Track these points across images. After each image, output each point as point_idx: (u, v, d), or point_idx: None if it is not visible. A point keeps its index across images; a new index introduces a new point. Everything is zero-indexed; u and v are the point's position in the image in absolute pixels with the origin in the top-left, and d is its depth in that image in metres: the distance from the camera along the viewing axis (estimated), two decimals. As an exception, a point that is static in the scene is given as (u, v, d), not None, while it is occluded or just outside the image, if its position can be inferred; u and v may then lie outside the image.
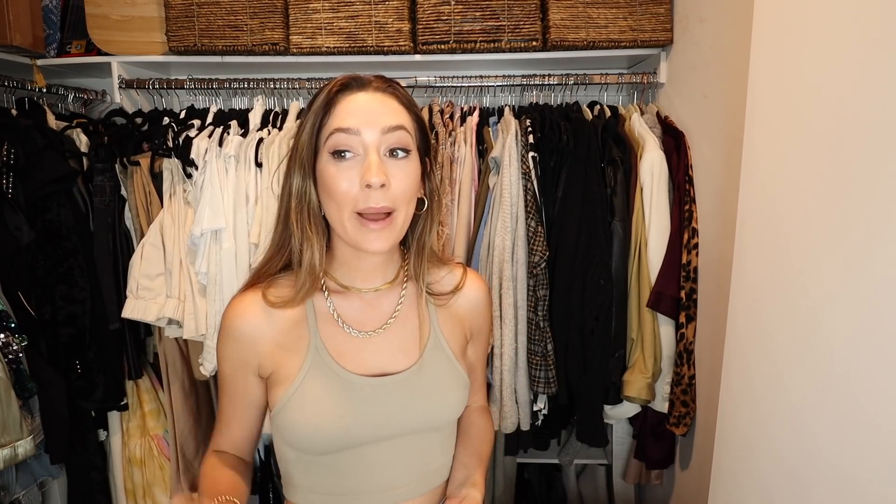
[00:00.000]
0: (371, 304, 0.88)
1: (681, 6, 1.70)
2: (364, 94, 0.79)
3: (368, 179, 0.75)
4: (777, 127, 0.89)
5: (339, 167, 0.77)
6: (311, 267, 0.81)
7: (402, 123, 0.79)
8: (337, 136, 0.77)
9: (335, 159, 0.77)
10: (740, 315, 0.98)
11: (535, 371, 1.65)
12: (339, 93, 0.79)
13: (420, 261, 0.88)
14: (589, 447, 1.80)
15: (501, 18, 1.74)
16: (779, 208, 0.87)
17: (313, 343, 0.84)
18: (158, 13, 1.83)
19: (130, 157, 1.67)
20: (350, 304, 0.87)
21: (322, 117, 0.79)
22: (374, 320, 0.87)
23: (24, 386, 1.43)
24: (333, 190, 0.77)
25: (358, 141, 0.77)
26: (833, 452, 0.75)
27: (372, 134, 0.77)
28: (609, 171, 1.65)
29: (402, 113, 0.80)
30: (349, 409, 0.81)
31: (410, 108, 0.83)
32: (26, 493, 1.57)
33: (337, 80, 0.80)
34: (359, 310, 0.87)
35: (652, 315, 1.62)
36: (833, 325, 0.75)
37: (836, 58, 0.75)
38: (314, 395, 0.81)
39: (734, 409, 1.00)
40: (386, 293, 0.89)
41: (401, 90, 0.83)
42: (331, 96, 0.79)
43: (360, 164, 0.77)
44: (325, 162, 0.78)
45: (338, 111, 0.78)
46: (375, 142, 0.77)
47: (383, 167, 0.76)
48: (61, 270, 1.57)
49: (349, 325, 0.86)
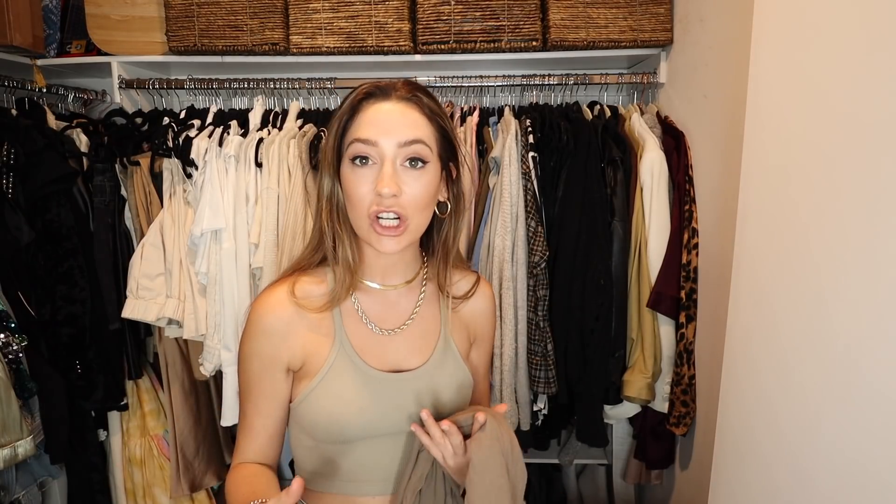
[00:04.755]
0: (392, 303, 0.92)
1: (681, 6, 1.70)
2: (387, 105, 0.83)
3: (380, 189, 0.79)
4: (777, 127, 0.89)
5: (357, 173, 0.81)
6: (345, 262, 0.87)
7: (420, 137, 0.82)
8: (356, 145, 0.81)
9: (355, 165, 0.82)
10: (741, 314, 0.98)
11: (535, 371, 1.65)
12: (364, 101, 0.83)
13: (445, 264, 0.93)
14: (589, 447, 1.80)
15: (501, 18, 1.74)
16: (779, 207, 0.88)
17: (339, 337, 0.87)
18: (158, 13, 1.83)
19: (130, 157, 1.67)
20: (373, 302, 0.91)
21: (346, 124, 0.83)
22: (394, 318, 0.91)
23: (24, 386, 1.43)
24: (351, 193, 0.82)
25: (376, 151, 0.81)
26: (840, 447, 0.75)
27: (389, 145, 0.80)
28: (609, 171, 1.65)
29: (421, 125, 0.83)
30: (369, 402, 0.85)
31: (433, 118, 0.85)
32: (26, 493, 1.57)
33: (362, 88, 0.84)
34: (381, 308, 0.91)
35: (652, 315, 1.62)
36: (833, 325, 0.75)
37: (836, 57, 0.75)
38: (338, 387, 0.85)
39: (734, 409, 1.00)
40: (406, 293, 0.93)
41: (425, 98, 0.85)
42: (354, 104, 0.83)
43: (377, 171, 0.81)
44: (346, 167, 0.83)
45: (360, 120, 0.82)
46: (392, 153, 0.80)
47: (396, 177, 0.80)
48: (61, 270, 1.57)
49: (372, 322, 0.90)
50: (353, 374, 0.86)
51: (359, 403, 0.85)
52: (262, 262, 1.58)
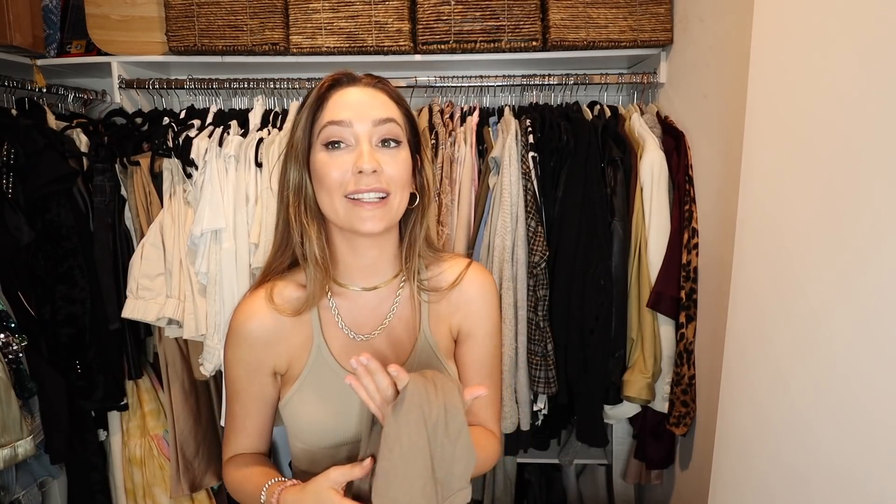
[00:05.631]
0: (370, 306, 0.89)
1: (681, 6, 1.70)
2: (355, 89, 0.83)
3: (360, 166, 0.78)
4: (777, 127, 0.89)
5: (331, 156, 0.80)
6: (314, 257, 0.83)
7: (392, 116, 0.82)
8: (330, 128, 0.80)
9: (328, 150, 0.81)
10: (740, 315, 0.98)
11: (535, 371, 1.65)
12: (331, 88, 0.83)
13: (411, 255, 0.89)
14: (589, 447, 1.80)
15: (501, 18, 1.74)
16: (779, 208, 0.87)
17: (316, 342, 0.86)
18: (158, 13, 1.83)
19: (130, 157, 1.67)
20: (351, 306, 0.89)
21: (315, 112, 0.82)
22: (372, 322, 0.89)
23: (24, 386, 1.43)
24: (325, 177, 0.80)
25: (350, 132, 0.80)
26: (834, 451, 0.75)
27: (363, 125, 0.80)
28: (609, 171, 1.65)
29: (392, 107, 0.84)
30: (347, 406, 0.84)
31: (400, 103, 0.86)
32: (26, 493, 1.57)
33: (329, 77, 0.84)
34: (358, 312, 0.89)
35: (652, 315, 1.62)
36: (834, 325, 0.75)
37: (836, 57, 0.75)
38: (317, 392, 0.85)
39: (734, 409, 1.00)
40: (384, 295, 0.89)
41: (390, 86, 0.87)
42: (322, 92, 0.82)
43: (352, 152, 0.80)
44: (318, 153, 0.81)
45: (330, 105, 0.82)
46: (367, 132, 0.80)
47: (374, 155, 0.79)
48: (61, 270, 1.57)
49: (349, 328, 0.88)
50: (332, 379, 0.85)
51: (336, 407, 0.85)
52: (262, 262, 1.58)
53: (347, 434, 0.85)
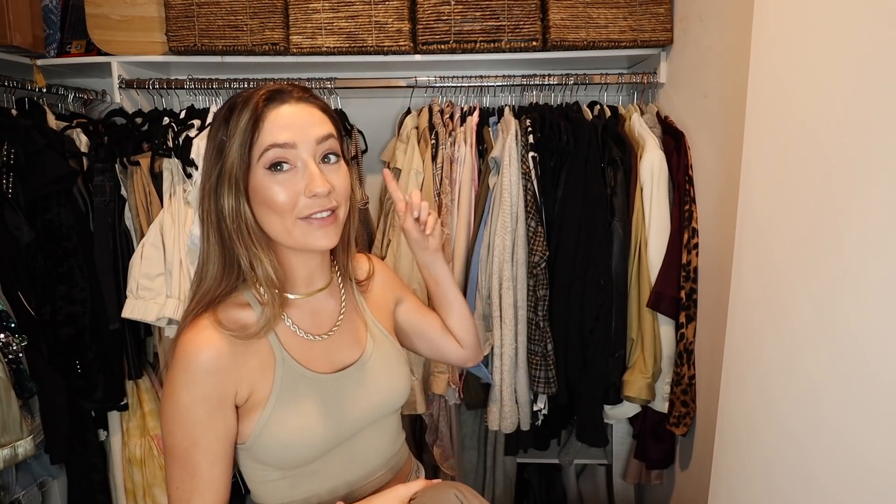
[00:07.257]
0: (320, 308, 0.92)
1: (681, 6, 1.70)
2: (288, 107, 0.80)
3: (314, 190, 0.78)
4: (777, 127, 0.89)
5: (276, 179, 0.78)
6: (269, 279, 0.82)
7: (331, 131, 0.83)
8: (273, 151, 0.78)
9: (272, 172, 0.78)
10: (740, 315, 0.98)
11: (535, 371, 1.65)
12: (265, 108, 0.79)
13: (347, 255, 0.96)
14: (589, 447, 1.80)
15: (501, 18, 1.74)
16: (778, 208, 0.87)
17: (279, 356, 0.84)
18: (158, 13, 1.83)
19: (130, 157, 1.67)
20: (302, 313, 0.90)
21: (251, 134, 0.78)
22: (326, 322, 0.92)
23: (24, 386, 1.43)
24: (273, 201, 0.78)
25: (294, 154, 0.79)
26: (840, 449, 0.75)
27: (307, 145, 0.79)
28: (609, 171, 1.65)
29: (326, 121, 0.84)
30: (328, 407, 0.85)
31: (330, 114, 0.86)
32: (26, 493, 1.56)
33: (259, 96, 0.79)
34: (311, 315, 0.90)
35: (652, 315, 1.62)
36: (833, 324, 0.75)
37: (835, 57, 0.75)
38: (294, 404, 0.83)
39: (734, 409, 1.00)
40: (330, 295, 0.94)
41: (318, 98, 0.86)
42: (257, 113, 0.78)
43: (298, 174, 0.79)
44: (260, 177, 0.78)
45: (268, 127, 0.78)
46: (311, 152, 0.80)
47: (324, 175, 0.80)
48: (61, 270, 1.57)
49: (305, 332, 0.88)
50: (305, 385, 0.85)
51: (318, 411, 0.84)
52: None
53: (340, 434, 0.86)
